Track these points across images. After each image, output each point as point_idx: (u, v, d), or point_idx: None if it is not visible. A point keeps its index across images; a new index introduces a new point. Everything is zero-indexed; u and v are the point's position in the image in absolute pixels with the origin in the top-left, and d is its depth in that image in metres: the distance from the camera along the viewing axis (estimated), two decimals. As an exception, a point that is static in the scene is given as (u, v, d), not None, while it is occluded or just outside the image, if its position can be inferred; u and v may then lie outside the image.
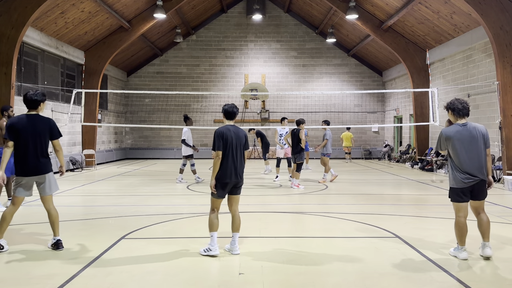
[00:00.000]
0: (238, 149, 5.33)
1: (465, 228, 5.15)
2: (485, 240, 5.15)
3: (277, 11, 24.64)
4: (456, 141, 5.03)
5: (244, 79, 24.46)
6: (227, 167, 5.25)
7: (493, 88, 13.35)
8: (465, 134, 5.03)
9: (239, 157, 5.33)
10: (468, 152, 5.01)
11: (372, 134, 25.05)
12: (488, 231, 5.14)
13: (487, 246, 5.13)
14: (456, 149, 5.04)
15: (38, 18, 13.86)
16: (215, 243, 5.21)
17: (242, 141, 5.39)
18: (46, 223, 7.19)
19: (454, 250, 5.28)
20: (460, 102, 5.16)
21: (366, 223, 7.12)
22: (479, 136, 5.05)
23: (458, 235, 5.19)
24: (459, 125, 5.10)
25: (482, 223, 5.16)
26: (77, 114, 17.64)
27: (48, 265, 4.91)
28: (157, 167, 18.91)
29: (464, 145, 5.01)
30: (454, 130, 5.08)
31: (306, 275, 4.59)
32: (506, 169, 12.13)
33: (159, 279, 4.46)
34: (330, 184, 12.47)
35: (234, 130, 5.35)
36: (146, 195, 10.49)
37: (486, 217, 5.19)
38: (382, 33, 18.70)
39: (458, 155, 5.04)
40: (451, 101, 5.24)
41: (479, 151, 5.04)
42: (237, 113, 5.51)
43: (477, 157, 5.02)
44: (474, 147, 5.02)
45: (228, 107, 5.48)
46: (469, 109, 5.18)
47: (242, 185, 5.49)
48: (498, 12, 12.09)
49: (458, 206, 5.15)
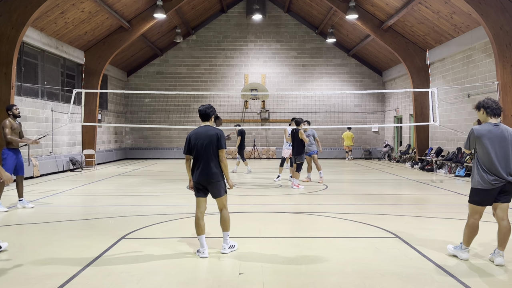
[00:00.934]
0: (206, 150, 5.26)
1: (477, 231, 5.03)
2: (500, 249, 4.93)
3: (277, 11, 24.64)
4: (487, 140, 4.87)
5: (244, 79, 24.46)
6: (194, 168, 5.36)
7: (493, 88, 13.35)
8: (497, 134, 4.88)
9: (205, 158, 5.27)
10: (498, 153, 4.86)
11: (372, 134, 25.05)
12: (507, 240, 4.92)
13: (500, 255, 4.91)
14: (486, 149, 4.87)
15: (38, 18, 13.86)
16: (202, 246, 5.26)
17: (213, 141, 5.29)
18: (46, 223, 7.20)
19: (454, 248, 5.21)
20: (493, 101, 5.01)
21: (366, 223, 7.12)
22: (509, 137, 4.89)
23: (467, 235, 5.06)
24: (492, 124, 4.94)
25: (502, 230, 4.92)
26: (77, 114, 17.64)
27: (47, 265, 4.91)
28: (157, 167, 18.91)
29: (494, 145, 4.86)
30: (486, 129, 4.91)
31: (306, 275, 4.59)
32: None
33: (159, 279, 4.46)
34: (330, 184, 12.47)
35: (203, 131, 5.33)
36: (146, 195, 10.49)
37: (508, 225, 4.93)
38: (382, 33, 18.70)
39: (488, 155, 4.87)
40: (484, 100, 5.05)
41: (508, 153, 4.87)
42: (210, 114, 5.43)
43: (506, 159, 4.86)
44: (505, 148, 4.86)
45: (201, 107, 5.47)
46: (502, 109, 5.04)
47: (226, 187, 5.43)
48: (498, 12, 12.09)
49: (476, 209, 4.99)
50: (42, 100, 15.39)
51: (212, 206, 5.96)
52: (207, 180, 5.27)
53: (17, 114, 8.55)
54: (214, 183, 5.29)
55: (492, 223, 7.15)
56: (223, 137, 5.34)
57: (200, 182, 5.30)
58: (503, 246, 4.93)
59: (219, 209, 5.46)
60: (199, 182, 5.31)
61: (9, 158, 8.28)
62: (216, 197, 5.37)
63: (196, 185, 5.36)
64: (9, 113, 8.50)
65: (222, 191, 5.35)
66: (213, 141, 5.26)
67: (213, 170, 5.27)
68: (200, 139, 5.29)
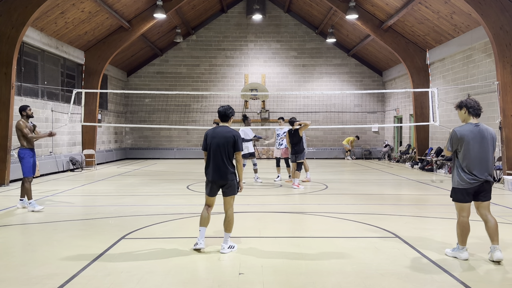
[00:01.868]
0: (221, 150, 5.37)
1: (468, 228, 5.08)
2: (494, 243, 4.99)
3: (277, 11, 24.64)
4: (469, 141, 4.93)
5: (244, 79, 24.46)
6: (208, 166, 5.47)
7: (493, 88, 13.35)
8: (478, 134, 4.95)
9: (219, 158, 5.38)
10: (478, 153, 4.94)
11: (372, 134, 25.04)
12: (497, 233, 5.00)
13: (497, 249, 4.95)
14: (467, 149, 4.95)
15: (38, 18, 13.86)
16: (200, 237, 5.39)
17: (229, 142, 5.39)
18: (46, 223, 7.20)
19: (452, 251, 5.23)
20: (475, 101, 5.05)
21: (366, 223, 7.12)
22: (489, 137, 4.98)
23: (460, 235, 5.11)
24: (473, 124, 5.01)
25: (490, 226, 5.02)
26: (77, 114, 17.65)
27: (47, 265, 4.91)
28: (157, 167, 18.91)
29: (475, 146, 4.93)
30: (468, 129, 4.97)
31: (306, 275, 4.59)
32: (506, 169, 12.13)
33: (159, 279, 4.46)
34: (330, 184, 12.47)
35: (220, 131, 5.44)
36: (146, 195, 10.49)
37: (493, 219, 5.05)
38: (382, 33, 18.70)
39: (468, 155, 4.95)
40: (466, 99, 5.09)
41: (488, 153, 4.97)
42: (229, 115, 5.58)
43: (486, 159, 4.96)
44: (485, 148, 4.95)
45: (221, 108, 5.61)
46: (482, 110, 5.11)
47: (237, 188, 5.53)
48: (498, 12, 12.09)
49: (462, 206, 5.08)
50: (42, 100, 15.39)
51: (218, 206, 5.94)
52: (222, 179, 5.39)
53: (31, 115, 8.49)
54: (229, 182, 5.41)
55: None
56: (240, 139, 5.46)
57: (215, 180, 5.40)
58: (496, 240, 4.99)
59: (225, 209, 5.51)
60: (214, 181, 5.41)
61: (27, 157, 8.28)
62: (227, 195, 5.47)
63: (211, 184, 5.45)
64: (22, 113, 8.36)
65: (234, 191, 5.49)
66: (229, 142, 5.39)
67: (228, 169, 5.40)
68: (216, 138, 5.42)
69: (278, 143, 13.11)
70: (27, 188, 8.20)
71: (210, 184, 5.47)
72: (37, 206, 8.18)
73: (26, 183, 8.23)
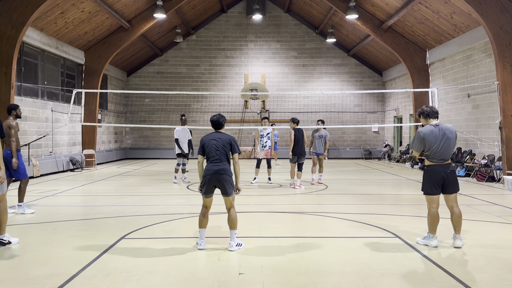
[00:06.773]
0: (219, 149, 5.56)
1: (437, 218, 5.67)
2: (456, 233, 5.65)
3: (277, 11, 24.64)
4: (432, 138, 5.57)
5: (244, 79, 24.46)
6: (206, 165, 5.67)
7: (493, 88, 13.35)
8: (438, 132, 5.59)
9: (217, 156, 5.56)
10: (440, 147, 5.56)
11: (372, 134, 25.05)
12: (460, 224, 5.63)
13: (457, 238, 5.62)
14: (430, 145, 5.57)
15: (38, 18, 13.86)
16: (200, 239, 5.55)
17: (226, 146, 5.60)
18: (46, 223, 7.20)
19: (423, 239, 5.74)
20: (428, 107, 5.80)
21: (366, 223, 7.12)
22: (449, 134, 5.59)
23: (430, 224, 5.70)
24: (433, 125, 5.67)
25: (454, 217, 5.64)
26: (77, 114, 17.64)
27: (47, 265, 4.91)
28: (157, 167, 18.91)
29: (437, 141, 5.56)
30: (429, 129, 5.63)
31: (306, 275, 4.59)
32: (506, 169, 12.12)
33: (159, 279, 4.46)
34: (330, 184, 12.47)
35: (217, 135, 5.67)
36: (146, 195, 10.49)
37: (458, 210, 5.67)
38: (382, 33, 18.70)
39: (432, 149, 5.57)
40: (421, 108, 5.84)
41: (449, 146, 5.60)
42: (222, 122, 5.78)
43: (447, 150, 5.59)
44: (446, 143, 5.57)
45: (213, 117, 5.81)
46: (437, 112, 5.78)
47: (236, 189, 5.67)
48: (498, 12, 12.09)
49: (431, 198, 5.70)
50: (42, 100, 15.39)
51: (216, 206, 5.95)
52: (218, 177, 5.51)
53: (20, 116, 8.34)
54: (225, 180, 5.52)
55: (493, 223, 7.16)
56: (236, 142, 5.71)
57: (212, 178, 5.51)
58: (458, 230, 5.64)
59: (227, 208, 5.63)
60: (211, 180, 5.52)
61: (20, 159, 8.13)
62: (226, 194, 5.57)
63: (207, 183, 5.54)
64: (12, 113, 8.01)
65: (231, 189, 5.58)
66: (226, 145, 5.61)
67: (225, 167, 5.56)
68: (214, 139, 5.63)
69: (262, 144, 12.60)
70: (23, 190, 8.12)
71: (206, 184, 5.56)
72: (27, 210, 8.11)
73: (23, 185, 8.14)
